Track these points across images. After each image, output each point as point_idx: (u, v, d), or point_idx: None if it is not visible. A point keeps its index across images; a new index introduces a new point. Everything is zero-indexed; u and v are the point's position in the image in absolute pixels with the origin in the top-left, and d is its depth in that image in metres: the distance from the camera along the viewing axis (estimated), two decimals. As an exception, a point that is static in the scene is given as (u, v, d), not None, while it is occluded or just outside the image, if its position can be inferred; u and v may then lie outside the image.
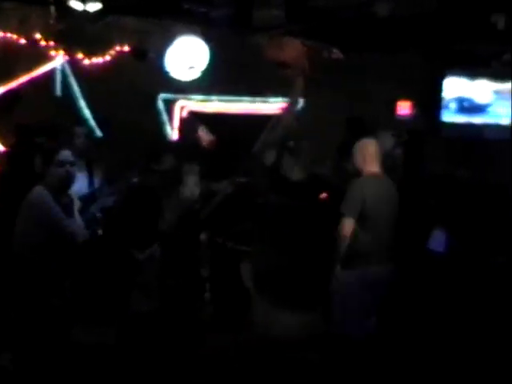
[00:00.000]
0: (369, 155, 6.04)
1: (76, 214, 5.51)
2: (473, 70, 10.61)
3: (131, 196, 6.28)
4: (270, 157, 7.47)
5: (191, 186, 7.67)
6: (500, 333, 6.79)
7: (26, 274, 5.06)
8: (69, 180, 5.42)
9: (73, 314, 3.07)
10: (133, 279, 2.53)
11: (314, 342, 1.81)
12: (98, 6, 7.61)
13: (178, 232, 7.06)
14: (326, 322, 2.02)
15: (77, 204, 5.59)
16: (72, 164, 5.36)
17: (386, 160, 9.03)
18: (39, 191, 5.30)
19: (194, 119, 8.19)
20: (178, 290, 6.27)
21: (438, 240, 7.20)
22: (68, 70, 8.62)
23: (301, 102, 9.84)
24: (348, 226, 5.69)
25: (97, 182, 7.65)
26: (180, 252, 6.58)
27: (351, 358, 1.74)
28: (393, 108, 10.82)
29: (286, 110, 7.55)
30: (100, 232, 5.79)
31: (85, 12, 7.72)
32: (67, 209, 5.40)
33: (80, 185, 6.78)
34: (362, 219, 5.75)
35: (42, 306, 4.95)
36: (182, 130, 9.10)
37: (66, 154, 5.36)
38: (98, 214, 6.07)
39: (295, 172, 7.93)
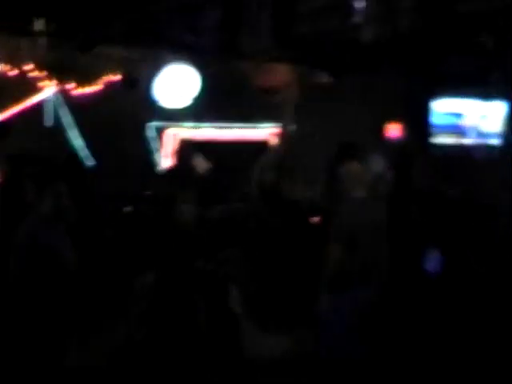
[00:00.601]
0: (356, 179, 6.04)
1: (69, 242, 5.52)
2: (461, 90, 10.68)
3: (125, 224, 6.30)
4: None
5: (186, 213, 7.73)
6: (498, 352, 6.79)
7: (23, 303, 5.06)
8: (64, 210, 5.43)
9: (67, 339, 3.11)
10: (127, 307, 2.56)
11: (301, 365, 1.84)
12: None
13: (174, 259, 7.06)
14: (316, 345, 2.05)
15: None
16: (66, 195, 5.38)
17: (377, 184, 9.10)
18: (33, 221, 5.31)
19: (190, 147, 8.23)
20: (173, 318, 6.25)
21: (433, 261, 7.24)
22: (59, 100, 8.66)
23: (294, 127, 9.95)
24: (336, 252, 5.69)
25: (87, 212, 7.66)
26: (175, 279, 6.57)
27: (340, 382, 1.76)
28: (380, 130, 10.87)
29: (280, 136, 7.63)
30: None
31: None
32: (61, 238, 5.41)
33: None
34: (349, 244, 5.75)
35: (38, 334, 4.97)
36: (178, 157, 9.09)
37: (60, 185, 5.38)
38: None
39: (292, 193, 8.05)
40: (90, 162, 8.59)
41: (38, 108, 8.52)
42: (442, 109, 11.09)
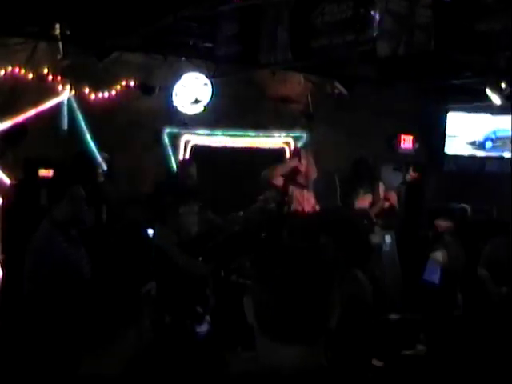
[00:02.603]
0: None
1: (82, 248, 5.50)
2: (474, 103, 10.70)
3: (124, 232, 6.25)
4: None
5: (189, 225, 7.76)
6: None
7: (35, 310, 5.06)
8: (82, 215, 5.41)
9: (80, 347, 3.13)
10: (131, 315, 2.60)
11: (313, 376, 1.87)
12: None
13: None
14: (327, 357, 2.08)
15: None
16: (84, 199, 5.35)
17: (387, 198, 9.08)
18: (47, 226, 5.29)
19: (192, 163, 8.29)
20: (175, 327, 6.26)
21: (432, 271, 7.27)
22: (74, 105, 8.71)
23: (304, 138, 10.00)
24: None
25: (103, 216, 7.70)
26: (179, 288, 6.56)
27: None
28: (393, 142, 10.90)
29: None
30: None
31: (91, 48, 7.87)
32: (75, 243, 5.39)
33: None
34: None
35: (51, 341, 4.98)
36: (181, 170, 9.07)
37: (78, 189, 5.38)
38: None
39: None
40: (103, 167, 8.63)
41: (54, 112, 8.58)
42: (455, 122, 11.11)
